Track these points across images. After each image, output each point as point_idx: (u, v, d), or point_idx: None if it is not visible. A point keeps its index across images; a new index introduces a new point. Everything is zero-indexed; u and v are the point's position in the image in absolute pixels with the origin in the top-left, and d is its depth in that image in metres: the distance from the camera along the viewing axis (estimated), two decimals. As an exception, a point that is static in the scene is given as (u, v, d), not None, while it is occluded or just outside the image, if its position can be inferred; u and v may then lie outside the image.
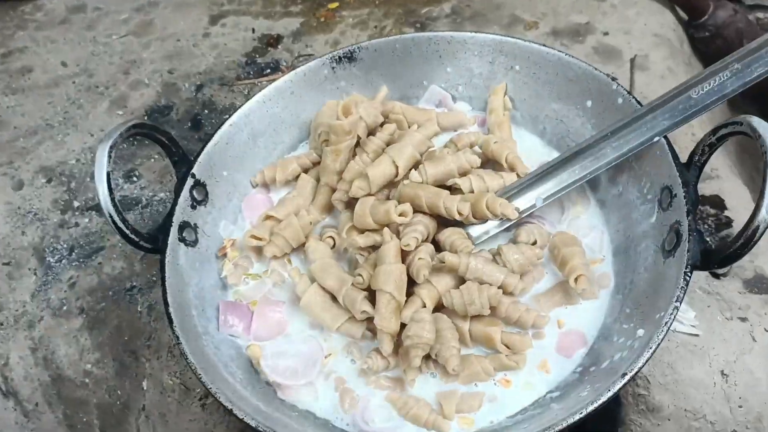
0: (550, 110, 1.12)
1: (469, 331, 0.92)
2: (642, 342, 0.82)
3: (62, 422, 1.21)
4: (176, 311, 0.91)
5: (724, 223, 1.17)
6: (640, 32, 1.51)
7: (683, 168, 0.90)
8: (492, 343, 0.91)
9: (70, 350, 1.18)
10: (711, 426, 0.96)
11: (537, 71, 1.11)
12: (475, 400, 0.90)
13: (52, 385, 1.19)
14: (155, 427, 1.12)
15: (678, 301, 0.81)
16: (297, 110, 1.18)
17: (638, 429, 0.98)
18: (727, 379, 0.97)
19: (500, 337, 0.91)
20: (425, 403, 0.90)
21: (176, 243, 0.99)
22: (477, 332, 0.92)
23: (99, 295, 1.21)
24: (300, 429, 0.87)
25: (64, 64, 1.68)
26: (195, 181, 1.05)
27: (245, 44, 1.65)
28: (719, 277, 1.08)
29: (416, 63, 1.18)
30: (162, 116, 1.50)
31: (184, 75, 1.59)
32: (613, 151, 0.97)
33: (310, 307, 0.97)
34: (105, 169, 0.90)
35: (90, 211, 1.35)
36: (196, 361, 0.86)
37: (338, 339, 0.98)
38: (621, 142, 0.96)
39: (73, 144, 1.48)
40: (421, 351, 0.88)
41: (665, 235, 0.90)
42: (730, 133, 0.85)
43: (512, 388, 0.91)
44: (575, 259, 0.94)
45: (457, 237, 0.97)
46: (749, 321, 1.01)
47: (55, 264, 1.27)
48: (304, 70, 1.16)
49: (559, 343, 0.94)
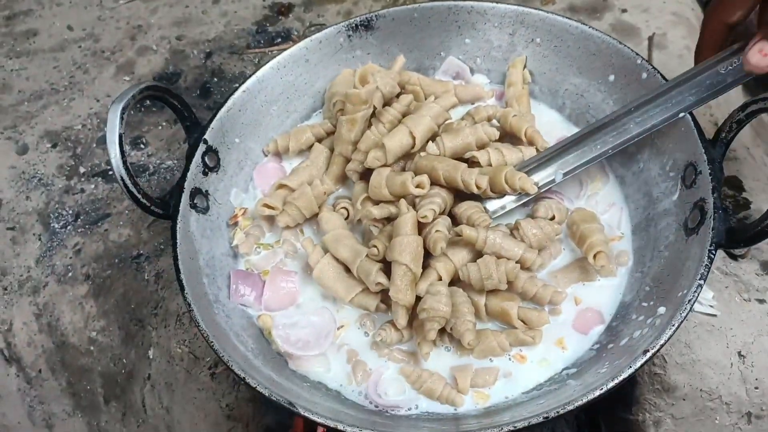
0: (570, 85, 1.10)
1: (485, 306, 0.91)
2: (664, 320, 0.80)
3: (65, 390, 1.20)
4: (187, 278, 0.89)
5: (741, 204, 1.15)
6: (658, 10, 1.49)
7: (709, 144, 0.89)
8: (508, 318, 0.89)
9: (75, 317, 1.16)
10: (726, 407, 0.95)
11: (558, 44, 1.09)
12: (490, 375, 0.88)
13: (56, 352, 1.17)
14: (161, 396, 1.11)
15: (702, 279, 0.79)
16: (311, 78, 1.15)
17: (653, 408, 0.97)
18: (744, 360, 0.96)
19: (517, 312, 0.89)
20: (439, 376, 0.89)
21: (187, 209, 0.97)
22: (493, 307, 0.91)
23: (105, 263, 1.19)
24: (311, 399, 0.85)
25: (70, 28, 1.65)
26: (207, 147, 1.02)
27: (255, 12, 1.61)
28: (737, 258, 1.06)
29: (434, 33, 1.15)
30: (170, 83, 1.47)
31: (193, 42, 1.56)
32: (637, 126, 0.95)
33: (323, 278, 0.95)
34: (117, 131, 0.88)
35: (96, 177, 1.32)
36: (208, 329, 0.84)
37: (351, 311, 0.97)
38: (645, 117, 0.94)
39: (78, 109, 1.45)
40: (437, 324, 0.86)
41: (688, 213, 0.89)
42: (760, 109, 0.83)
43: (527, 364, 0.90)
44: (594, 236, 0.92)
45: (474, 211, 0.95)
46: (767, 303, 1.00)
47: (60, 230, 1.25)
48: (320, 37, 1.13)
49: (575, 320, 0.93)
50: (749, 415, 0.96)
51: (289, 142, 1.10)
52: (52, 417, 1.22)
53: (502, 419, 0.79)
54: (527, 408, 0.82)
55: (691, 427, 0.97)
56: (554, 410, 0.74)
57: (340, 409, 0.86)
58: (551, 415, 0.74)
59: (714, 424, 0.96)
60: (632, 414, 0.99)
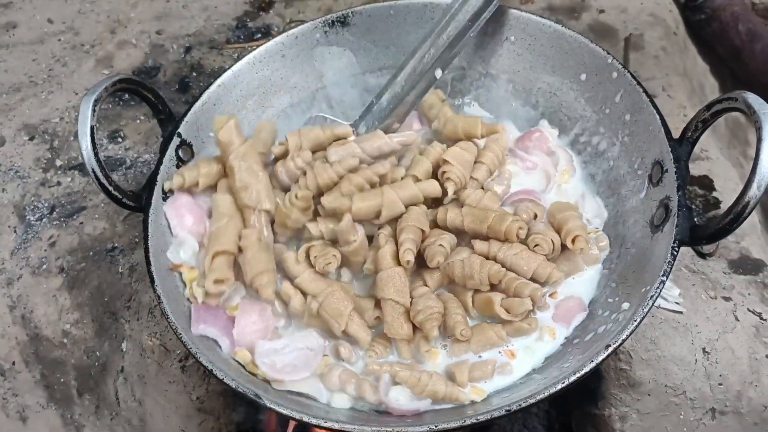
0: (544, 83, 1.11)
1: (472, 300, 0.92)
2: (627, 315, 0.81)
3: (39, 382, 1.19)
4: (158, 270, 0.90)
5: (712, 204, 1.17)
6: (636, 11, 1.50)
7: (676, 143, 0.90)
8: (491, 307, 0.89)
9: (48, 309, 1.16)
10: (690, 402, 0.97)
11: (532, 43, 1.10)
12: (486, 369, 0.88)
13: (29, 345, 1.17)
14: (133, 388, 1.11)
15: (665, 275, 0.80)
16: (287, 74, 1.15)
17: (619, 403, 0.99)
18: (709, 356, 0.97)
19: (499, 300, 0.89)
20: (438, 376, 0.87)
21: (160, 202, 0.97)
22: (478, 300, 0.91)
23: (80, 255, 1.19)
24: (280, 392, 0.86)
25: (50, 21, 1.64)
26: (181, 140, 1.03)
27: (236, 8, 1.62)
28: (705, 257, 1.08)
29: (410, 30, 1.16)
30: (149, 77, 1.47)
31: (173, 36, 1.56)
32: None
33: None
34: (89, 123, 0.88)
35: (73, 170, 1.32)
36: (177, 321, 0.85)
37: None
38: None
39: (57, 102, 1.45)
40: (435, 321, 0.87)
41: (654, 211, 0.90)
42: (725, 108, 0.83)
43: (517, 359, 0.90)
44: (570, 222, 0.93)
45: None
46: (733, 300, 1.02)
47: (35, 222, 1.25)
48: (296, 33, 1.14)
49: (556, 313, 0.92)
50: (713, 411, 0.98)
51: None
52: (25, 409, 1.21)
53: (465, 413, 0.79)
54: (491, 402, 0.84)
55: (657, 422, 0.98)
56: (516, 404, 0.75)
57: (312, 403, 0.87)
58: (513, 408, 0.75)
59: (678, 420, 0.98)
60: (599, 409, 1.00)
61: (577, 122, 1.07)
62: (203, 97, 1.06)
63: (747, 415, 0.98)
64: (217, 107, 1.08)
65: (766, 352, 0.98)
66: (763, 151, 0.75)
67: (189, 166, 1.02)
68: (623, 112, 0.99)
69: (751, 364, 0.97)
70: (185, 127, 1.03)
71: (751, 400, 0.97)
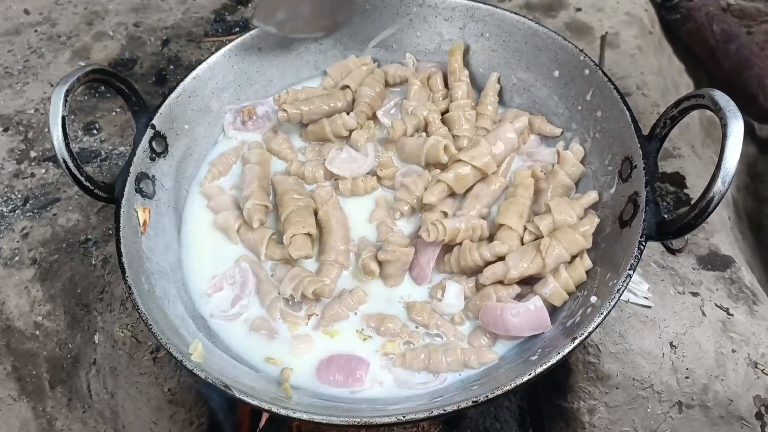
0: (518, 79, 1.12)
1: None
2: (594, 308, 0.82)
3: (11, 375, 1.19)
4: (129, 262, 0.90)
5: (683, 201, 1.18)
6: (612, 10, 1.52)
7: (645, 140, 0.91)
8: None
9: (20, 301, 1.16)
10: (657, 395, 0.98)
11: (507, 39, 1.11)
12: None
13: (1, 336, 1.16)
14: (105, 381, 1.11)
15: (631, 269, 0.81)
16: (263, 67, 1.16)
17: (587, 396, 1.00)
18: (676, 350, 0.98)
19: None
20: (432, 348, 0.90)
21: (132, 194, 0.97)
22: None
23: (52, 247, 1.18)
24: (251, 384, 0.86)
25: (27, 12, 1.63)
26: (155, 132, 1.02)
27: (215, 1, 1.61)
28: (675, 252, 1.09)
29: (387, 25, 1.16)
30: (126, 69, 1.46)
31: (150, 29, 1.55)
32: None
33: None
34: (60, 113, 0.87)
35: (47, 162, 1.31)
36: (148, 312, 0.85)
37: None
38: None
39: (32, 93, 1.44)
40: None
41: (623, 206, 0.91)
42: (692, 106, 0.85)
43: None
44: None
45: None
46: (700, 296, 1.03)
47: (8, 213, 1.24)
48: (273, 26, 1.14)
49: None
50: (680, 404, 0.99)
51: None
52: (-4, 402, 1.21)
53: (434, 404, 0.80)
54: (461, 395, 0.84)
55: (624, 415, 1.00)
56: (483, 395, 0.76)
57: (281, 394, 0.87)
58: (480, 400, 0.76)
59: (646, 413, 0.99)
60: (568, 402, 1.01)
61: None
62: (178, 89, 1.06)
63: (713, 408, 0.99)
64: (192, 99, 1.08)
65: (733, 347, 0.99)
66: (728, 147, 0.76)
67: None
68: (595, 109, 1.00)
69: (718, 358, 0.99)
70: (159, 119, 1.03)
71: (717, 394, 0.99)
